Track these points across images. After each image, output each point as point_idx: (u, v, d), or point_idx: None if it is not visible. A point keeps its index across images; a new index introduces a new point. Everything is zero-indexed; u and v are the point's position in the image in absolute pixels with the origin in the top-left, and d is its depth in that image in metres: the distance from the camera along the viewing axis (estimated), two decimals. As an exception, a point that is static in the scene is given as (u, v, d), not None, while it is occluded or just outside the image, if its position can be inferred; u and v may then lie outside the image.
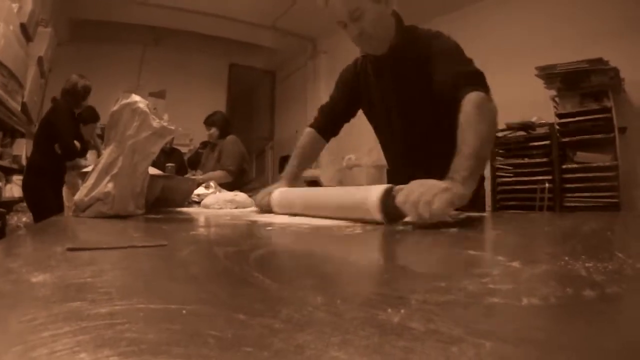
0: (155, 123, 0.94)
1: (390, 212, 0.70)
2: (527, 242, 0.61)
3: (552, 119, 3.24)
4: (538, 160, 3.29)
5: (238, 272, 0.35)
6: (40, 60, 3.63)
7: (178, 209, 1.23)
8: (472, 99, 0.89)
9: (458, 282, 0.30)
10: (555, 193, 3.16)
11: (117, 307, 0.23)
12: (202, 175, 2.63)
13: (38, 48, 3.55)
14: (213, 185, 1.56)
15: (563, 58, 3.07)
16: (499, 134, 3.44)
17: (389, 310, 0.22)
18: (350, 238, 0.60)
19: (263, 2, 4.80)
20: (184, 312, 0.23)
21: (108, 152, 0.93)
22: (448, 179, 0.74)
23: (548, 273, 0.34)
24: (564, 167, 3.16)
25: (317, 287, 0.31)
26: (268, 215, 0.96)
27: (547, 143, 3.23)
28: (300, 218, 0.85)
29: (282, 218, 0.88)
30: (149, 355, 0.17)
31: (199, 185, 1.58)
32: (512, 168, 3.47)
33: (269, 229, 0.73)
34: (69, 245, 0.44)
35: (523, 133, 3.39)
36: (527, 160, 3.37)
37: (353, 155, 4.04)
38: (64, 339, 0.18)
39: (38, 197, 2.46)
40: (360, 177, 3.86)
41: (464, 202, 0.72)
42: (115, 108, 0.94)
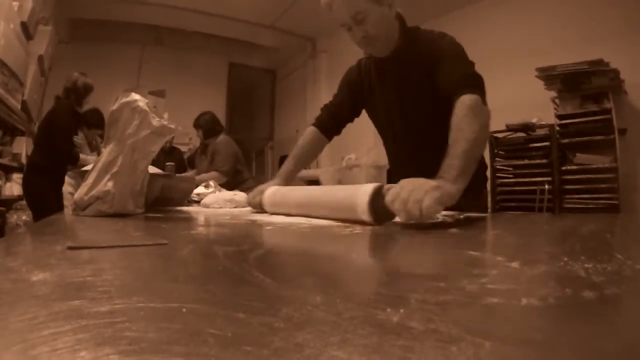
0: (155, 122, 0.94)
1: (380, 211, 0.69)
2: (526, 242, 0.61)
3: (552, 120, 3.24)
4: (538, 162, 3.29)
5: (238, 271, 0.35)
6: (41, 59, 3.64)
7: (178, 208, 1.23)
8: (465, 101, 0.91)
9: (457, 282, 0.30)
10: (555, 194, 3.16)
11: (117, 305, 0.23)
12: (196, 177, 2.63)
13: (38, 46, 3.55)
14: (213, 185, 1.56)
15: (563, 59, 3.07)
16: (499, 135, 3.45)
17: (388, 310, 0.22)
18: (350, 238, 0.60)
19: (263, 1, 4.79)
20: (184, 310, 0.23)
21: (108, 150, 0.93)
22: (438, 178, 0.75)
23: (547, 274, 0.34)
24: (564, 168, 3.16)
25: (316, 286, 0.31)
26: (267, 215, 0.96)
27: (547, 144, 3.23)
28: (300, 218, 0.85)
29: (281, 218, 0.88)
30: (149, 354, 0.17)
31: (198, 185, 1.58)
32: (512, 169, 3.47)
33: (269, 229, 0.73)
34: (69, 244, 0.44)
35: (523, 134, 3.40)
36: (526, 162, 3.37)
37: (353, 155, 4.04)
38: (64, 337, 0.18)
39: (38, 195, 2.45)
40: (360, 177, 3.86)
41: (454, 201, 0.72)
42: (115, 107, 0.93)
